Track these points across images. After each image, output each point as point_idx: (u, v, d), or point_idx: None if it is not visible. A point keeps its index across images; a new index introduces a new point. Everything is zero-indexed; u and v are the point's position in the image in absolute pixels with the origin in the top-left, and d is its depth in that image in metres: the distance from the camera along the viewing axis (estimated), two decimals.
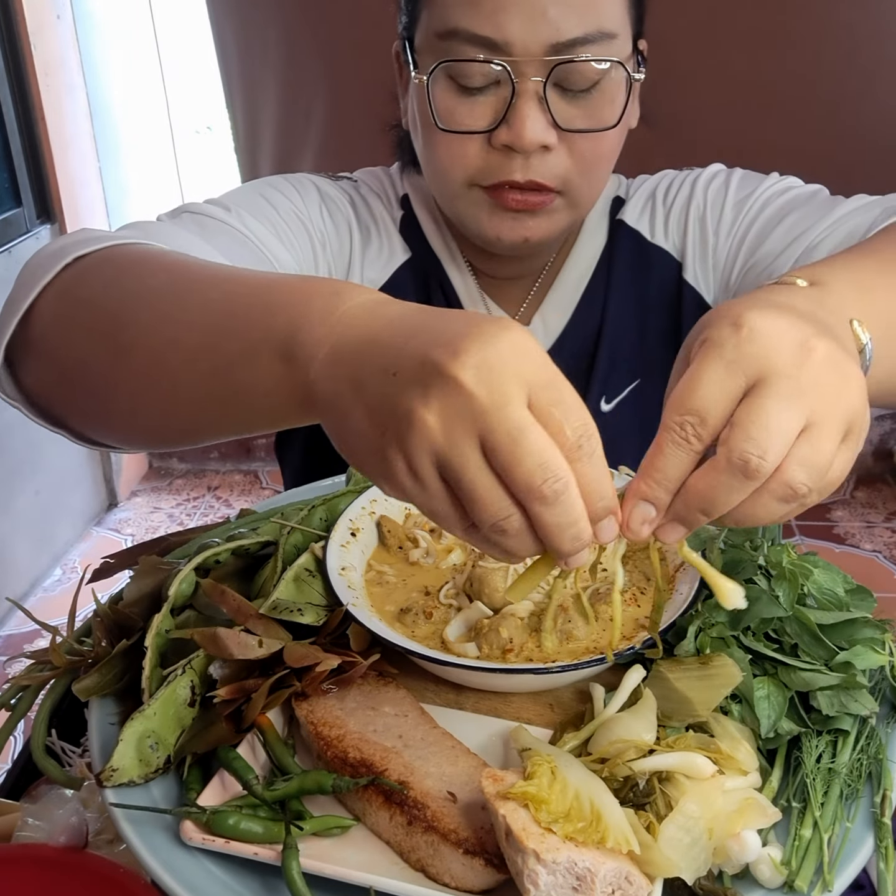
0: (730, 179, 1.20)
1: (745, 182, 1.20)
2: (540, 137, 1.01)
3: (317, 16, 2.90)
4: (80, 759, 0.95)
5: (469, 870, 0.67)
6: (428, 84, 1.04)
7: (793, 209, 1.13)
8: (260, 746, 0.76)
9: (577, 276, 1.24)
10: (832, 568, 0.86)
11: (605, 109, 1.04)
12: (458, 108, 1.03)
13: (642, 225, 1.24)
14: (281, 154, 3.13)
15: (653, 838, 0.66)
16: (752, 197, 1.17)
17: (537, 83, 1.00)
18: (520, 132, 1.00)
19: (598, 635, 0.82)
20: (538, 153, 1.03)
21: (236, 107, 3.12)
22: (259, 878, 0.69)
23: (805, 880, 0.67)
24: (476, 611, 0.84)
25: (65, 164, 3.21)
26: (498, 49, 0.99)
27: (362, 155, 1.47)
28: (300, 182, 1.20)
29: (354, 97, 2.96)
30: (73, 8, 3.23)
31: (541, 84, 1.00)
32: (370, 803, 0.71)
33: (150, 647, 0.77)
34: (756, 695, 0.76)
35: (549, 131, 1.02)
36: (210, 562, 0.86)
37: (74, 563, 3.28)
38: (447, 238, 1.23)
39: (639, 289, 1.23)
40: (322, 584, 0.85)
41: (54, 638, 0.84)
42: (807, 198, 1.14)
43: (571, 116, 1.03)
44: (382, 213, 1.24)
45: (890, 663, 0.80)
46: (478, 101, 1.02)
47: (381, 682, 0.82)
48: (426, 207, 1.24)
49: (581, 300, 1.23)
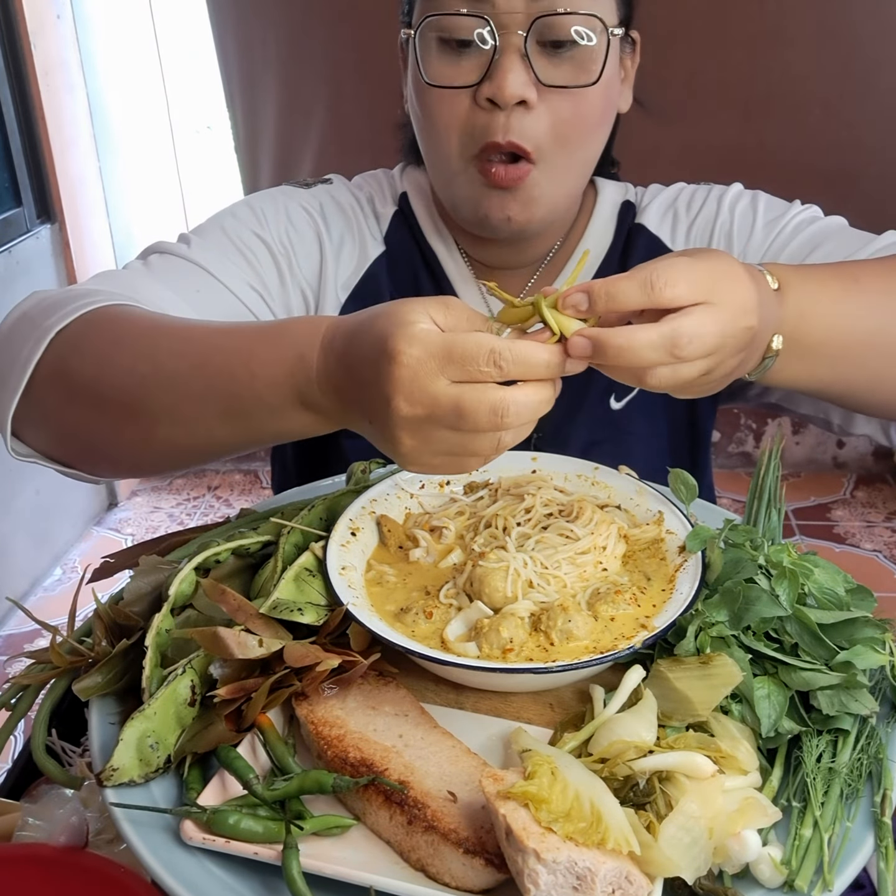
0: (756, 202, 1.24)
1: (772, 205, 1.24)
2: (520, 91, 1.03)
3: (317, 16, 2.90)
4: (81, 758, 0.95)
5: (469, 869, 0.67)
6: (415, 40, 1.08)
7: (826, 238, 1.18)
8: (260, 746, 0.76)
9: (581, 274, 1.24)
10: (832, 567, 0.86)
11: (586, 67, 1.06)
12: (446, 64, 1.07)
13: (663, 232, 1.25)
14: (281, 154, 3.13)
15: (653, 838, 0.66)
16: (783, 221, 1.21)
17: (520, 38, 1.03)
18: (501, 84, 1.03)
19: (599, 634, 0.82)
20: (518, 112, 1.05)
21: (236, 106, 3.12)
22: (259, 877, 0.69)
23: (805, 880, 0.67)
24: (476, 610, 0.84)
25: (65, 164, 3.21)
26: (482, 2, 1.03)
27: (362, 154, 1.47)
28: (265, 203, 1.22)
29: (354, 97, 2.96)
30: (73, 8, 3.23)
31: (522, 38, 1.03)
32: (370, 803, 0.71)
33: (150, 646, 0.77)
34: (756, 694, 0.76)
35: (530, 87, 1.04)
36: (210, 562, 0.86)
37: (74, 563, 3.28)
38: (443, 230, 1.26)
39: None
40: (322, 583, 0.85)
41: (54, 638, 0.84)
42: (838, 229, 1.20)
43: (552, 74, 1.05)
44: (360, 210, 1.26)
45: (890, 663, 0.80)
46: (464, 57, 1.06)
47: (381, 681, 0.82)
48: (423, 203, 1.27)
49: None
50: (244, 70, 3.04)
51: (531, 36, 1.03)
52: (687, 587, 0.84)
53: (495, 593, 0.85)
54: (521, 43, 1.03)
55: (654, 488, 0.97)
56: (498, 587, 0.85)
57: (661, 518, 0.93)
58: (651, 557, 0.91)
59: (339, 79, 2.96)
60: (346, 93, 2.97)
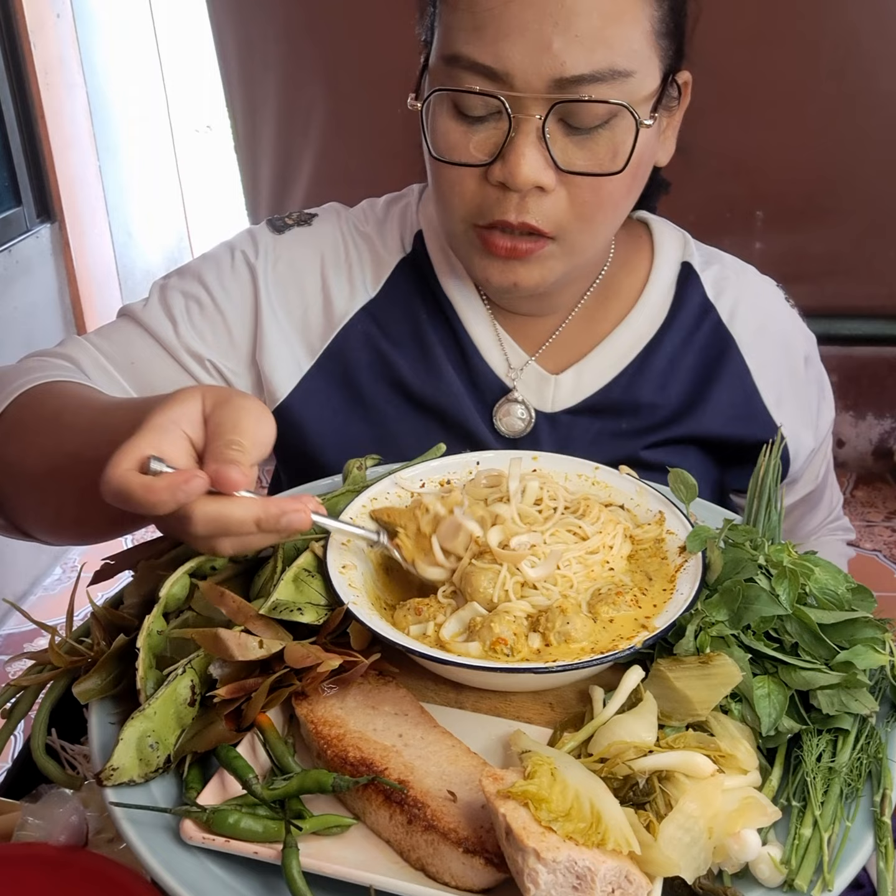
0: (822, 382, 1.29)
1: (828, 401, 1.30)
2: (534, 177, 0.95)
3: (317, 16, 2.90)
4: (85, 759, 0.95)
5: (469, 869, 0.67)
6: (423, 111, 0.99)
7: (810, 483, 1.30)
8: (260, 746, 0.76)
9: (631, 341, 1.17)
10: (832, 567, 0.86)
11: (611, 153, 0.96)
12: (457, 137, 0.97)
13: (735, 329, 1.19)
14: (281, 154, 3.13)
15: (653, 837, 0.66)
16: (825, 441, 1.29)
17: (538, 120, 0.93)
18: (514, 171, 0.94)
19: (597, 636, 0.82)
20: (534, 193, 0.97)
21: (236, 106, 3.12)
22: (259, 877, 0.69)
23: (805, 879, 0.67)
24: (470, 609, 0.84)
25: (65, 163, 3.21)
26: (498, 79, 0.93)
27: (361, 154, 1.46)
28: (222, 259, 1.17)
29: (354, 97, 2.96)
30: (73, 7, 3.23)
31: (541, 121, 0.93)
32: (370, 802, 0.71)
33: (142, 647, 0.77)
34: (756, 693, 0.76)
35: (547, 171, 0.95)
36: (206, 569, 0.86)
37: (74, 563, 3.28)
38: (459, 271, 1.16)
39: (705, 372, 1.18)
40: (321, 583, 0.85)
41: (53, 638, 0.84)
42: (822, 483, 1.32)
43: (573, 157, 0.96)
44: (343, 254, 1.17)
45: (890, 663, 0.80)
46: (477, 131, 0.96)
47: (381, 681, 0.82)
48: (438, 243, 1.17)
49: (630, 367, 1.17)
50: (244, 70, 3.04)
51: (551, 117, 0.93)
52: (687, 587, 0.84)
53: (476, 593, 0.84)
54: (540, 124, 0.93)
55: (654, 488, 0.97)
56: (479, 587, 0.84)
57: (662, 518, 0.93)
58: (653, 557, 0.91)
59: (339, 79, 2.96)
60: (346, 93, 2.96)
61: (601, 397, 1.16)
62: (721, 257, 1.25)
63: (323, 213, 1.21)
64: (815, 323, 1.30)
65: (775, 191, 2.92)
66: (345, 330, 1.16)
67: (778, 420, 1.19)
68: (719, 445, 1.19)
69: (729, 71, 2.65)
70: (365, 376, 1.15)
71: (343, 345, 1.15)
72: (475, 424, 1.15)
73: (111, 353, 1.13)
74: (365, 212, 1.22)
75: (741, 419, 1.18)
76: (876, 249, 3.01)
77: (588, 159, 0.96)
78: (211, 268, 1.16)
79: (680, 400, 1.17)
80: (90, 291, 3.30)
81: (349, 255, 1.18)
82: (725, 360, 1.19)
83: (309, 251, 1.17)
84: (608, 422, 1.17)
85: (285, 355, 1.15)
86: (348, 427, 1.16)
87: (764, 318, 1.22)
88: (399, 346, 1.16)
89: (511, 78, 0.93)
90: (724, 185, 2.88)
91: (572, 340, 1.18)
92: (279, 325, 1.15)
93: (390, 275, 1.17)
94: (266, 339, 1.14)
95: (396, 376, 1.15)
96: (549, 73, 0.92)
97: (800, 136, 2.85)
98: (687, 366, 1.18)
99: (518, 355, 1.17)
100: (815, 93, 2.80)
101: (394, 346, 1.16)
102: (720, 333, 1.19)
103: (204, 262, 1.18)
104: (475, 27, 0.93)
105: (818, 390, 1.27)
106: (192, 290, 1.15)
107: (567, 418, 1.16)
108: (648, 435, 1.17)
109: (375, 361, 1.15)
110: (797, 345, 1.25)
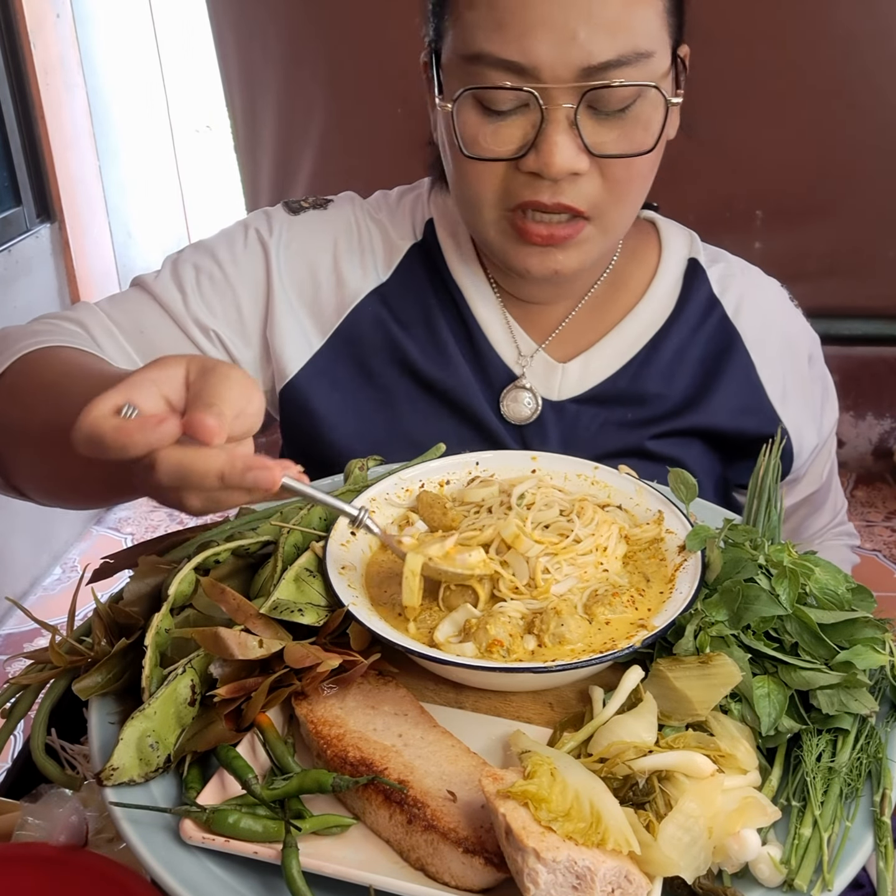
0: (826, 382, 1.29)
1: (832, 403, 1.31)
2: (570, 165, 0.96)
3: (317, 15, 2.90)
4: (85, 758, 0.95)
5: (469, 868, 0.67)
6: (453, 111, 0.99)
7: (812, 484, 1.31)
8: (260, 746, 0.76)
9: (638, 332, 1.19)
10: (832, 567, 0.86)
11: (640, 132, 0.99)
12: (485, 133, 0.98)
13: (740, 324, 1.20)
14: (281, 153, 3.14)
15: (652, 837, 0.66)
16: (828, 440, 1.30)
17: (568, 109, 0.95)
18: (549, 160, 0.96)
19: (591, 638, 0.82)
20: (568, 178, 0.98)
21: (236, 106, 3.12)
22: (259, 876, 0.69)
23: (805, 879, 0.67)
24: (464, 611, 0.84)
25: (65, 163, 3.20)
26: (526, 74, 0.94)
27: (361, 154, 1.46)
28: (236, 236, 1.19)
29: (354, 97, 2.96)
30: (72, 7, 3.23)
31: (572, 110, 0.95)
32: (370, 802, 0.71)
33: (150, 645, 0.77)
34: (756, 693, 0.76)
35: (580, 157, 0.97)
36: (210, 562, 0.86)
37: (74, 562, 3.28)
38: (470, 260, 1.18)
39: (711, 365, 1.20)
40: (322, 583, 0.85)
41: (53, 637, 0.84)
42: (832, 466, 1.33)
43: (604, 140, 0.98)
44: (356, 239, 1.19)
45: (890, 663, 0.80)
46: (505, 124, 0.98)
47: (381, 681, 0.82)
48: (449, 230, 1.19)
49: (637, 357, 1.18)
50: (244, 70, 3.04)
51: (581, 104, 0.95)
52: (686, 587, 0.84)
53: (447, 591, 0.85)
54: (571, 113, 0.95)
55: (653, 488, 0.97)
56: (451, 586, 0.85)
57: (661, 517, 0.93)
58: (651, 558, 0.91)
59: (339, 78, 2.96)
60: (346, 93, 2.97)
61: (608, 387, 1.18)
62: (726, 256, 1.26)
63: (338, 200, 1.24)
64: (815, 323, 1.30)
65: (775, 190, 2.92)
66: (356, 311, 1.18)
67: (782, 415, 1.20)
68: (724, 439, 1.20)
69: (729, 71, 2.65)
70: (374, 357, 1.17)
71: (354, 325, 1.17)
72: (482, 409, 1.15)
73: (120, 321, 1.14)
74: (378, 201, 1.25)
75: (746, 413, 1.19)
76: (876, 249, 3.01)
77: (618, 140, 0.98)
78: (224, 243, 1.19)
79: (686, 392, 1.18)
80: (90, 291, 3.30)
81: (362, 239, 1.20)
82: (731, 354, 1.20)
83: (323, 233, 1.20)
84: (614, 411, 1.18)
85: (296, 333, 1.17)
86: (356, 406, 1.17)
87: (768, 315, 1.23)
88: (409, 329, 1.17)
89: (538, 71, 0.94)
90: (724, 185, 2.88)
91: (580, 330, 1.20)
92: (290, 304, 1.17)
93: (402, 260, 1.19)
94: (277, 316, 1.16)
95: (405, 359, 1.16)
96: (576, 63, 0.94)
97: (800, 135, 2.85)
98: (693, 358, 1.19)
99: (527, 343, 1.18)
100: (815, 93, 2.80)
101: (404, 329, 1.17)
102: (726, 328, 1.20)
103: (218, 238, 1.20)
104: (497, 24, 0.94)
105: (822, 389, 1.28)
106: (205, 264, 1.17)
107: (573, 407, 1.17)
108: (654, 426, 1.18)
109: (385, 343, 1.17)
110: (801, 343, 1.26)
